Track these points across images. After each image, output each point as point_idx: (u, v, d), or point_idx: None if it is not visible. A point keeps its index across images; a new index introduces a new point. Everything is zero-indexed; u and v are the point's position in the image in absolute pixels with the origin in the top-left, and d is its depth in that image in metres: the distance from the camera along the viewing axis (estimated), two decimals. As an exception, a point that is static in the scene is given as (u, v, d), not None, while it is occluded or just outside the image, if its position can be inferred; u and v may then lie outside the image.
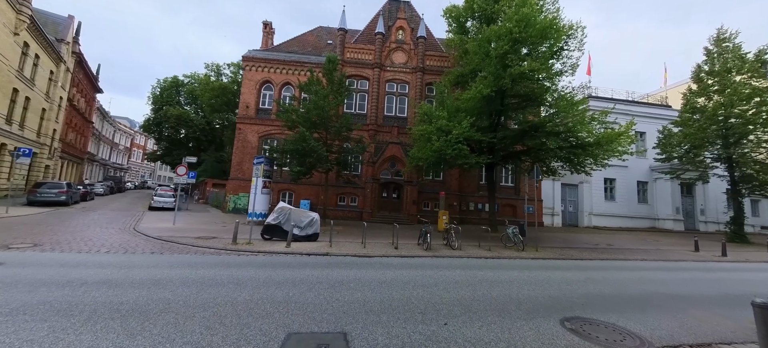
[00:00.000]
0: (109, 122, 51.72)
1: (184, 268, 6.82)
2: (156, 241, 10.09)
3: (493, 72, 14.12)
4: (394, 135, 22.64)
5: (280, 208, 11.11)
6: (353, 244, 11.17)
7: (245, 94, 23.80)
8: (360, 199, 22.23)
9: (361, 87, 23.93)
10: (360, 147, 17.90)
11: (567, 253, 11.95)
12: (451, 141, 13.98)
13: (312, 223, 11.21)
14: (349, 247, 10.34)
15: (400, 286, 6.22)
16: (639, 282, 7.82)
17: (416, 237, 12.50)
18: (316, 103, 15.07)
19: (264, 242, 10.52)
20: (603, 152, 14.14)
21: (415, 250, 10.55)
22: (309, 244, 10.42)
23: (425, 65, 23.90)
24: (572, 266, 9.58)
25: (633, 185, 25.53)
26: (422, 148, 15.63)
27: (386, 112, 23.70)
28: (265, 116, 23.48)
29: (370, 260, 8.85)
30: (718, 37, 20.58)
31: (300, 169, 15.21)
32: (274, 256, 8.80)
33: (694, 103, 20.75)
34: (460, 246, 11.25)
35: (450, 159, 14.87)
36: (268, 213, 14.60)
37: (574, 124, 14.45)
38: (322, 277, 6.65)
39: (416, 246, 11.45)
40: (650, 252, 13.46)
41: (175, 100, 44.86)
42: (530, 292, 6.28)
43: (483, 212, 23.51)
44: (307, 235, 11.06)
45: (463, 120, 13.99)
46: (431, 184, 23.17)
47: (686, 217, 24.70)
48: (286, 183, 22.17)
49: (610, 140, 14.05)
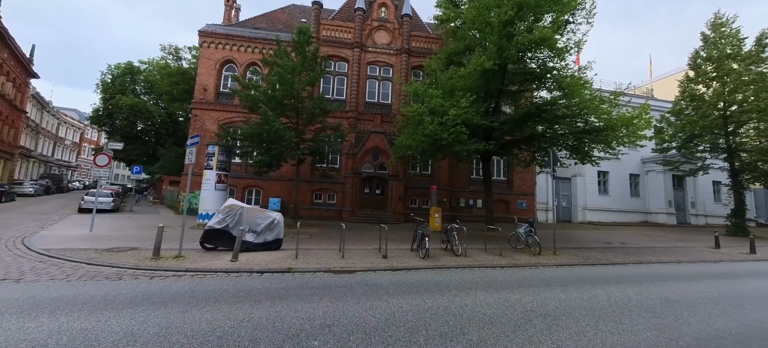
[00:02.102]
0: (51, 113, 45.40)
1: (26, 314, 3.93)
2: (37, 257, 6.95)
3: (496, 42, 11.91)
4: (377, 123, 20.08)
5: (228, 206, 8.25)
6: (328, 252, 8.53)
7: (203, 76, 20.34)
8: (339, 196, 19.51)
9: (339, 69, 21.14)
10: (338, 135, 15.18)
11: (588, 255, 9.92)
12: (447, 124, 11.65)
13: (272, 226, 8.45)
14: (322, 258, 7.70)
15: (404, 334, 3.71)
16: (737, 300, 5.73)
17: (407, 240, 10.05)
18: (282, 77, 12.18)
19: (203, 254, 7.66)
20: (617, 137, 12.34)
21: (410, 259, 8.09)
22: (267, 255, 7.67)
23: (411, 46, 21.48)
24: (615, 276, 7.46)
25: (625, 178, 24.51)
26: (412, 134, 13.22)
27: (368, 98, 21.06)
28: (227, 101, 20.15)
29: (351, 278, 6.27)
30: (715, 21, 19.63)
31: (263, 159, 12.28)
32: (209, 277, 6.01)
33: (693, 91, 19.74)
34: (465, 251, 8.90)
35: (446, 145, 12.54)
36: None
37: (583, 106, 12.53)
38: (272, 318, 4.01)
39: (410, 252, 9.00)
40: (669, 251, 11.78)
41: (130, 89, 39.78)
42: (617, 337, 3.93)
43: (475, 208, 21.51)
44: (266, 242, 8.29)
45: (461, 99, 11.69)
46: (419, 178, 20.84)
47: (677, 211, 23.96)
48: (251, 178, 19.04)
49: (624, 124, 12.26)
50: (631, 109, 13.42)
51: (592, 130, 12.70)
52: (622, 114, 12.74)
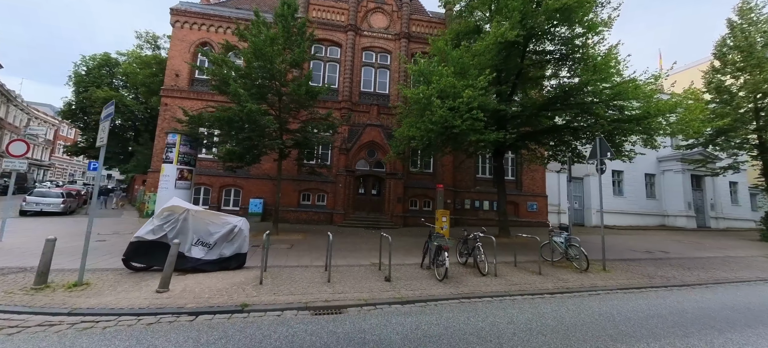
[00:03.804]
0: (18, 107, 41.97)
1: None
2: None
3: (520, 7, 9.81)
4: (374, 116, 17.83)
5: (169, 209, 5.88)
6: (310, 271, 6.23)
7: (175, 59, 17.85)
8: (329, 197, 17.18)
9: (331, 55, 18.85)
10: (328, 125, 12.86)
11: (645, 271, 7.78)
12: (460, 109, 9.49)
13: (232, 237, 6.10)
14: (299, 283, 5.40)
15: None
16: None
17: (412, 250, 7.82)
18: (258, 50, 9.83)
19: (122, 279, 5.29)
20: (661, 127, 10.37)
21: (422, 281, 5.85)
22: (220, 280, 5.34)
23: (411, 31, 19.34)
24: (716, 306, 5.32)
25: (641, 178, 22.69)
26: (415, 122, 11.04)
27: (363, 88, 18.81)
28: (202, 88, 17.67)
29: (338, 324, 3.99)
30: (742, 6, 17.94)
31: (233, 150, 9.88)
32: (105, 324, 3.67)
33: (719, 83, 18.00)
34: (495, 268, 6.68)
35: (457, 135, 10.36)
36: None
37: (620, 89, 10.48)
38: None
39: (420, 270, 6.75)
40: (728, 263, 9.75)
41: (106, 82, 36.76)
42: None
43: (481, 211, 19.39)
44: (222, 258, 5.94)
45: (479, 77, 9.55)
46: (419, 176, 18.63)
47: (696, 213, 22.21)
48: (229, 176, 16.58)
49: (672, 110, 10.30)
50: (669, 96, 11.47)
51: (629, 118, 10.66)
52: (667, 100, 10.75)
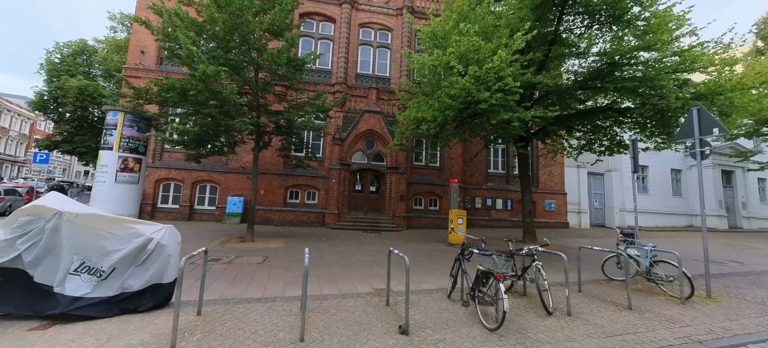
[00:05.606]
0: (-12, 99, 38.86)
1: None
2: None
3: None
4: (372, 101, 15.45)
5: (30, 210, 3.44)
6: (274, 315, 3.86)
7: (139, 33, 15.25)
8: (321, 194, 14.78)
9: (323, 31, 16.41)
10: (317, 106, 10.42)
11: (755, 296, 5.55)
12: (489, 78, 7.14)
13: (145, 258, 3.66)
14: (249, 343, 3.02)
15: None
16: None
17: (425, 261, 5.47)
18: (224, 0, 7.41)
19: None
20: (746, 106, 8.18)
21: (461, 331, 3.52)
22: (108, 339, 2.94)
23: (414, 5, 16.97)
24: None
25: (667, 174, 20.60)
26: (427, 101, 8.72)
27: (360, 69, 16.39)
28: (173, 69, 15.12)
29: None
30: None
31: (185, 130, 7.43)
32: None
33: (764, 66, 15.87)
34: (569, 305, 4.34)
35: (483, 114, 8.02)
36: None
37: (687, 57, 8.22)
38: None
39: (449, 302, 4.41)
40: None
41: (82, 71, 33.88)
42: None
43: (494, 210, 17.15)
44: (126, 295, 3.52)
45: (517, 34, 7.23)
46: (424, 171, 16.30)
47: (727, 212, 20.21)
48: (205, 170, 14.11)
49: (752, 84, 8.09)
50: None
51: (697, 94, 8.41)
52: (742, 74, 8.53)
